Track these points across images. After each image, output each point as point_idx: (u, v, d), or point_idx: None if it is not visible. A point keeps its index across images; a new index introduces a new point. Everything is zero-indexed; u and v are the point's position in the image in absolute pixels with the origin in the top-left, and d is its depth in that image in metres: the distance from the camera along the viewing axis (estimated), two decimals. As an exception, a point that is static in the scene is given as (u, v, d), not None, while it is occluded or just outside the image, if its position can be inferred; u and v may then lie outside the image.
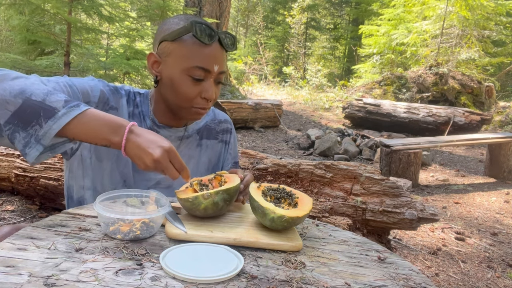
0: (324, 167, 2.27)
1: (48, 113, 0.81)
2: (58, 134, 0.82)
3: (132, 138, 0.83)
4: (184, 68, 0.99)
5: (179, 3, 8.98)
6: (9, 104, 0.81)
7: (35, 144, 0.82)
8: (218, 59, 1.01)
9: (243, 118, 6.82)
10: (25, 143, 0.82)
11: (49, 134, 0.81)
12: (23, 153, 0.83)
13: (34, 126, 0.81)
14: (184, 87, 1.00)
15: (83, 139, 0.84)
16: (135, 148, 0.82)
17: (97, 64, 5.92)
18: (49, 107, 0.82)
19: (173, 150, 0.83)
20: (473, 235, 3.16)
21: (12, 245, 0.70)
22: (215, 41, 1.00)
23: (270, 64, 16.41)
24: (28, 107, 0.81)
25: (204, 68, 0.99)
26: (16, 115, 0.81)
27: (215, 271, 0.66)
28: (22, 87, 0.83)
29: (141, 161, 0.82)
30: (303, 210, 0.86)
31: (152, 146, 0.82)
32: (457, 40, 10.28)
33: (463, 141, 5.00)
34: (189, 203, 0.85)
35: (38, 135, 0.81)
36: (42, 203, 2.75)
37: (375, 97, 8.91)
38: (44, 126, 0.81)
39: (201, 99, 1.02)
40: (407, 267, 0.79)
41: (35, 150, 0.82)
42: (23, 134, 0.81)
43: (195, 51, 0.98)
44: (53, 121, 0.81)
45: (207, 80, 1.01)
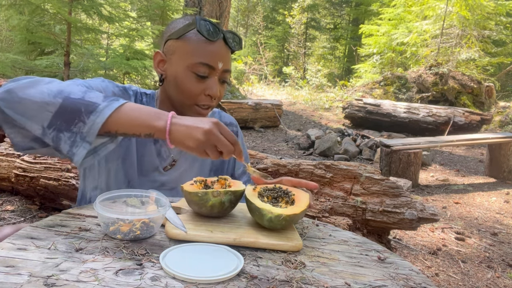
0: (324, 167, 2.27)
1: (89, 108, 0.80)
2: (101, 130, 0.81)
3: (176, 121, 0.82)
4: (189, 65, 0.99)
5: (179, 3, 8.98)
6: (49, 105, 0.80)
7: (81, 142, 0.80)
8: (223, 57, 1.01)
9: (243, 118, 6.82)
10: (71, 143, 0.81)
11: (93, 129, 0.80)
12: (71, 153, 0.81)
13: (78, 124, 0.80)
14: (188, 83, 1.00)
15: (126, 131, 0.82)
16: (182, 128, 0.80)
17: (97, 64, 5.92)
18: (89, 102, 0.81)
19: (221, 123, 0.82)
20: (473, 235, 3.16)
21: (12, 245, 0.70)
22: (219, 38, 1.00)
23: (270, 64, 16.41)
24: (68, 105, 0.80)
25: (208, 64, 0.99)
26: (58, 115, 0.80)
27: (215, 271, 0.66)
28: (59, 88, 0.83)
29: (190, 138, 0.80)
30: (300, 206, 0.86)
31: (200, 122, 0.81)
32: (457, 40, 10.28)
33: (463, 141, 5.00)
34: (197, 198, 0.85)
35: (82, 133, 0.80)
36: (42, 203, 2.75)
37: (375, 97, 8.91)
38: (87, 122, 0.79)
39: (205, 97, 1.02)
40: (407, 267, 0.79)
41: (82, 149, 0.80)
42: (67, 134, 0.80)
43: (199, 47, 0.99)
44: (95, 115, 0.80)
45: (211, 77, 1.01)
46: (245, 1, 19.57)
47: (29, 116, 0.81)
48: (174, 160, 1.13)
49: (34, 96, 0.81)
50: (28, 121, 0.81)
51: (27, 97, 0.81)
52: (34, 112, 0.81)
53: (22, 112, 0.81)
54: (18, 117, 0.81)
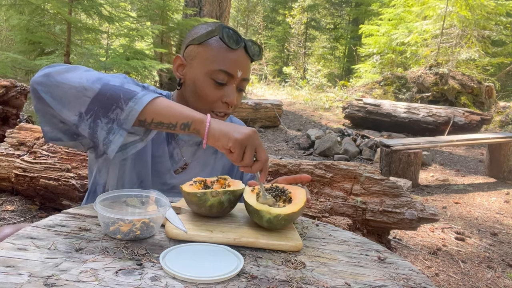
0: (324, 167, 2.27)
1: (128, 95, 0.80)
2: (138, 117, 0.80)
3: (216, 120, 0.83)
4: (208, 71, 1.00)
5: (179, 3, 8.98)
6: (88, 91, 0.80)
7: (118, 129, 0.80)
8: (242, 65, 1.01)
9: (243, 118, 6.82)
10: (108, 129, 0.80)
11: (131, 115, 0.79)
12: (107, 141, 0.81)
13: (115, 110, 0.80)
14: (206, 89, 1.00)
15: (162, 119, 0.81)
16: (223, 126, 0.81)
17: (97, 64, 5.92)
18: (128, 89, 0.81)
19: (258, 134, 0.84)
20: (473, 235, 3.16)
21: (12, 245, 0.70)
22: (240, 47, 1.00)
23: (270, 64, 16.41)
24: (107, 91, 0.80)
25: (227, 72, 0.99)
26: (96, 100, 0.80)
27: (215, 271, 0.66)
28: (98, 76, 0.83)
29: (230, 137, 0.80)
30: (298, 204, 0.86)
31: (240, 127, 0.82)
32: (457, 40, 10.28)
33: (463, 141, 5.00)
34: (196, 198, 0.85)
35: (120, 119, 0.80)
36: (42, 203, 2.75)
37: (375, 97, 8.91)
38: (125, 109, 0.79)
39: (222, 104, 1.02)
40: (407, 267, 0.79)
41: (119, 136, 0.80)
42: (105, 120, 0.80)
43: (220, 55, 0.99)
44: (134, 101, 0.80)
45: (230, 85, 1.01)
46: (245, 1, 19.56)
47: (66, 101, 0.81)
48: (185, 164, 1.13)
49: (72, 81, 0.81)
50: (65, 107, 0.81)
51: (66, 81, 0.81)
52: (72, 97, 0.80)
53: (60, 97, 0.81)
54: (55, 103, 0.81)
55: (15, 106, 3.43)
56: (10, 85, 3.37)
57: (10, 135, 2.82)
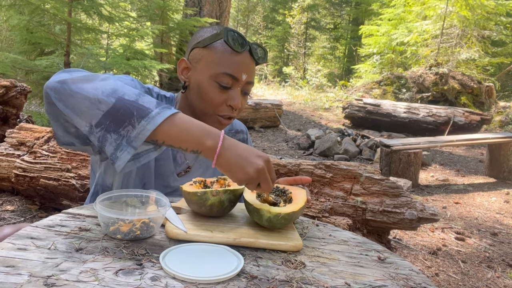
0: (324, 167, 2.27)
1: (141, 113, 0.78)
2: (149, 137, 0.79)
3: (230, 146, 0.79)
4: (212, 74, 0.99)
5: (179, 3, 8.98)
6: (102, 104, 0.78)
7: (127, 147, 0.78)
8: (247, 69, 1.00)
9: (243, 118, 6.82)
10: (117, 146, 0.78)
11: (142, 135, 0.78)
12: (114, 157, 0.79)
13: (127, 127, 0.78)
14: (211, 93, 1.00)
15: (172, 143, 0.80)
16: (234, 156, 0.78)
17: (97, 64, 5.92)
18: (142, 106, 0.79)
19: (270, 161, 0.81)
20: (473, 235, 3.16)
21: (12, 245, 0.70)
22: (245, 50, 1.00)
23: (270, 64, 16.40)
24: (121, 106, 0.78)
25: (232, 75, 0.98)
26: (109, 115, 0.78)
27: (215, 271, 0.66)
28: (114, 87, 0.81)
29: (241, 170, 0.78)
30: (298, 203, 0.86)
31: (253, 156, 0.79)
32: (457, 40, 10.28)
33: (463, 141, 5.00)
34: (196, 197, 0.85)
35: (130, 137, 0.78)
36: (42, 203, 2.75)
37: (375, 97, 8.91)
38: (137, 127, 0.77)
39: (226, 107, 1.01)
40: (407, 267, 0.79)
41: (127, 153, 0.78)
42: (114, 136, 0.78)
43: (225, 58, 0.99)
44: (146, 120, 0.78)
45: (234, 88, 1.01)
46: (245, 1, 19.56)
47: (78, 111, 0.79)
48: (188, 167, 1.13)
49: (87, 92, 0.79)
50: (77, 116, 0.80)
51: (81, 91, 0.79)
52: (84, 108, 0.79)
53: (73, 106, 0.79)
54: (67, 111, 0.80)
55: (15, 106, 3.43)
56: (10, 85, 3.37)
57: (10, 135, 2.82)
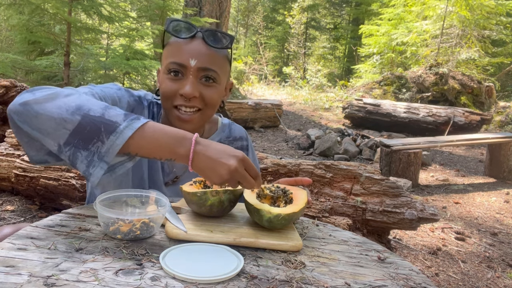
0: (324, 167, 2.27)
1: (109, 128, 0.76)
2: (120, 151, 0.77)
3: (200, 150, 0.78)
4: (165, 68, 0.98)
5: (179, 3, 8.98)
6: (67, 123, 0.76)
7: (99, 162, 0.77)
8: (197, 54, 0.96)
9: (243, 118, 6.82)
10: (88, 163, 0.77)
11: (112, 150, 0.76)
12: (87, 173, 0.77)
13: (96, 143, 0.76)
14: (164, 85, 0.98)
15: (145, 154, 0.79)
16: (206, 160, 0.78)
17: (97, 64, 5.92)
18: (109, 121, 0.77)
19: (246, 158, 0.80)
20: (473, 235, 3.16)
21: (12, 245, 0.70)
22: (192, 35, 0.96)
23: (270, 64, 16.40)
24: (87, 123, 0.76)
25: (177, 62, 0.96)
26: (76, 133, 0.76)
27: (215, 271, 0.66)
28: (78, 104, 0.78)
29: (215, 173, 0.77)
30: (299, 204, 0.86)
31: (225, 156, 0.78)
32: (457, 40, 10.28)
33: (463, 141, 5.00)
34: (196, 198, 0.85)
35: (100, 152, 0.76)
36: (42, 203, 2.75)
37: (375, 97, 8.91)
38: (106, 142, 0.76)
39: (179, 97, 0.97)
40: (407, 267, 0.79)
41: (99, 169, 0.77)
42: (84, 153, 0.77)
43: (172, 48, 0.98)
44: (115, 135, 0.76)
45: (186, 76, 0.97)
46: (245, 1, 19.56)
47: (45, 132, 0.77)
48: (176, 177, 1.11)
49: (51, 112, 0.77)
50: (44, 137, 0.78)
51: (44, 112, 0.77)
52: (50, 129, 0.77)
53: (38, 128, 0.77)
54: (34, 133, 0.78)
55: (15, 106, 3.43)
56: (10, 85, 3.37)
57: (10, 135, 2.81)
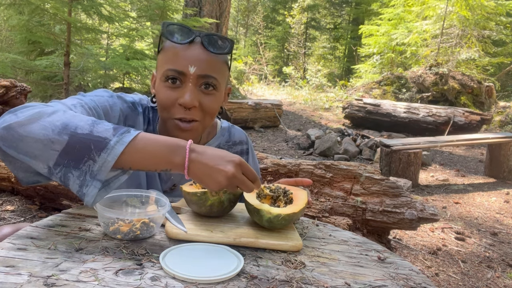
0: (324, 167, 2.27)
1: (99, 145, 0.73)
2: (113, 166, 0.74)
3: (196, 158, 0.76)
4: (161, 75, 0.93)
5: (179, 3, 8.98)
6: (55, 144, 0.73)
7: (91, 181, 0.73)
8: (196, 60, 0.91)
9: (243, 118, 6.82)
10: (81, 183, 0.74)
11: (104, 167, 0.73)
12: (80, 194, 0.74)
13: (87, 162, 0.73)
14: (161, 94, 0.93)
15: (140, 167, 0.76)
16: (203, 167, 0.76)
17: (97, 64, 5.92)
18: (98, 137, 0.74)
19: (243, 162, 0.78)
20: (473, 235, 3.16)
21: (12, 245, 0.70)
22: (190, 41, 0.91)
23: (270, 64, 16.40)
24: (76, 142, 0.73)
25: (176, 70, 0.91)
26: (65, 154, 0.73)
27: (215, 271, 0.66)
28: (64, 122, 0.75)
29: (212, 180, 0.76)
30: (299, 205, 0.86)
31: (222, 162, 0.76)
32: (457, 40, 10.28)
33: (463, 141, 5.00)
34: (196, 198, 0.85)
35: (93, 171, 0.73)
36: (42, 203, 2.75)
37: (375, 97, 8.91)
38: (98, 160, 0.73)
39: (178, 107, 0.92)
40: (407, 267, 0.79)
41: (93, 188, 0.73)
42: (76, 173, 0.73)
43: (169, 54, 0.92)
44: (106, 152, 0.73)
45: (185, 84, 0.92)
46: (245, 1, 19.56)
47: (32, 155, 0.74)
48: (174, 184, 1.10)
49: (37, 134, 0.73)
50: (32, 160, 0.75)
51: (29, 134, 0.73)
52: (37, 151, 0.73)
53: (25, 151, 0.74)
54: (20, 156, 0.75)
55: (15, 106, 3.43)
56: (10, 85, 3.37)
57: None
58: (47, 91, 6.03)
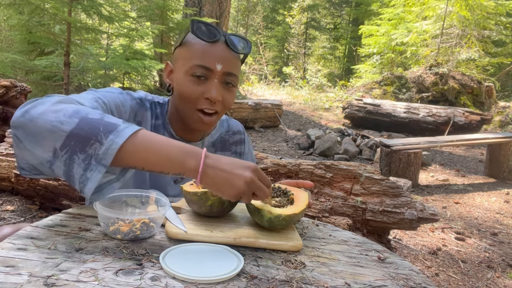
0: (324, 167, 2.27)
1: (108, 128, 0.74)
2: (117, 160, 0.74)
3: (212, 163, 0.76)
4: (187, 69, 0.97)
5: (179, 3, 8.98)
6: (64, 125, 0.73)
7: (96, 166, 0.73)
8: (222, 59, 0.97)
9: (243, 118, 6.82)
10: (85, 166, 0.73)
11: (111, 150, 0.72)
12: (84, 178, 0.73)
13: (94, 145, 0.73)
14: (187, 87, 0.97)
15: (150, 167, 0.76)
16: (221, 173, 0.76)
17: (97, 64, 5.92)
18: (108, 123, 0.75)
19: (259, 169, 0.78)
20: (473, 235, 3.16)
21: (12, 245, 0.70)
22: (217, 40, 0.97)
23: (270, 64, 16.41)
24: (85, 124, 0.74)
25: (204, 66, 0.96)
26: (73, 135, 0.73)
27: (215, 271, 0.66)
28: (76, 109, 0.77)
29: (230, 186, 0.75)
30: (299, 206, 0.86)
31: (240, 168, 0.76)
32: (457, 40, 10.28)
33: (463, 141, 5.00)
34: (196, 197, 0.85)
35: (98, 155, 0.72)
36: (42, 203, 2.75)
37: (375, 97, 8.91)
38: (105, 143, 0.72)
39: (204, 100, 0.98)
40: (407, 267, 0.79)
41: (97, 173, 0.73)
42: (82, 156, 0.73)
43: (196, 50, 0.97)
44: (114, 134, 0.73)
45: (211, 80, 0.98)
46: (245, 1, 19.56)
47: (40, 136, 0.74)
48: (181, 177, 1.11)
49: (48, 115, 0.75)
50: (38, 143, 0.74)
51: (41, 116, 0.75)
52: (46, 132, 0.74)
53: (33, 132, 0.74)
54: (28, 138, 0.75)
55: (15, 106, 3.43)
56: (10, 85, 3.37)
57: (10, 135, 2.81)
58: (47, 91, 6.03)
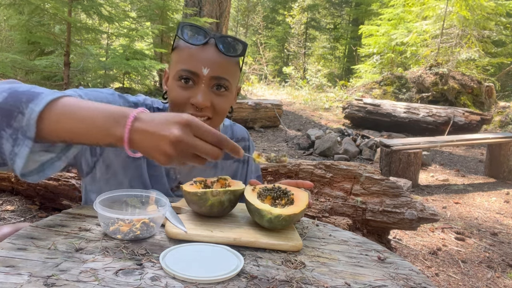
0: (324, 167, 2.27)
1: (30, 97, 0.68)
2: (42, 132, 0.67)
3: (139, 127, 0.65)
4: (175, 73, 0.94)
5: (179, 3, 8.98)
6: None
7: (23, 140, 0.67)
8: (210, 62, 0.92)
9: (243, 118, 6.82)
10: (13, 142, 0.67)
11: (31, 120, 0.66)
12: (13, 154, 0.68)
13: (17, 117, 0.67)
14: (174, 92, 0.94)
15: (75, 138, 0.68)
16: (147, 137, 0.65)
17: (97, 64, 5.92)
18: (33, 92, 0.69)
19: (195, 121, 0.65)
20: (473, 235, 3.16)
21: (12, 245, 0.70)
22: (205, 42, 0.93)
23: (270, 64, 16.41)
24: (12, 97, 0.68)
25: (189, 70, 0.92)
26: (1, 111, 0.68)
27: (215, 271, 0.66)
28: (12, 85, 0.72)
29: (157, 151, 0.65)
30: (299, 206, 0.86)
31: (164, 127, 0.64)
32: (457, 40, 10.28)
33: (463, 141, 5.00)
34: (197, 197, 0.85)
35: (22, 127, 0.66)
36: (42, 203, 2.75)
37: (375, 97, 8.91)
38: (26, 113, 0.66)
39: (190, 106, 0.93)
40: (407, 267, 0.79)
41: (25, 147, 0.67)
42: (9, 131, 0.67)
43: (184, 54, 0.94)
44: (34, 103, 0.67)
45: (198, 85, 0.93)
46: (245, 1, 19.56)
47: None
48: (179, 182, 1.09)
49: None
50: None
51: None
52: None
53: None
54: None
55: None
56: (10, 85, 3.36)
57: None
58: (47, 91, 6.03)
